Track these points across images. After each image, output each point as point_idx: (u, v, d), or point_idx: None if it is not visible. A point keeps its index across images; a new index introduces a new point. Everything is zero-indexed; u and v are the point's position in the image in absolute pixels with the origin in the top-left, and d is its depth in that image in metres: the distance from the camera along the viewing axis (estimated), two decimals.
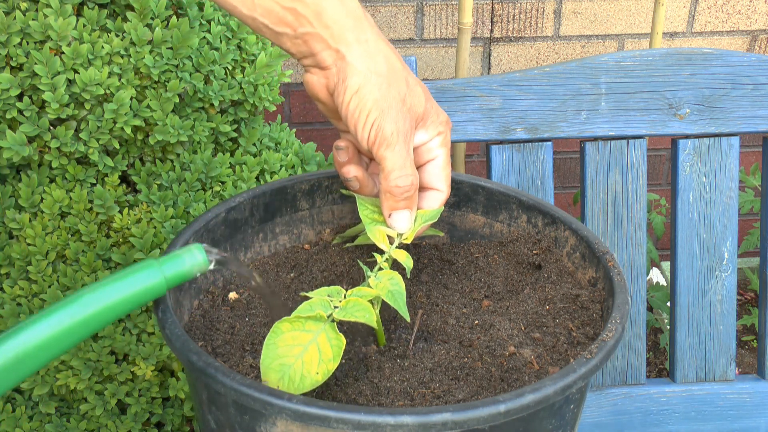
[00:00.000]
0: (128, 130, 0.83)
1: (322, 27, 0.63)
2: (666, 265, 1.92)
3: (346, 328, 0.65)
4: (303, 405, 0.51)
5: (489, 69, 1.73)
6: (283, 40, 0.64)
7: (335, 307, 0.60)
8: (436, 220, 0.69)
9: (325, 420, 0.51)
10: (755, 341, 1.87)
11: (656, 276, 1.92)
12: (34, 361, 0.54)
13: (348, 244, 0.76)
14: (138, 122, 0.83)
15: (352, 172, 0.69)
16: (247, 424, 0.56)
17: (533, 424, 0.56)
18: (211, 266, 0.59)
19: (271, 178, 0.95)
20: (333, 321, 0.59)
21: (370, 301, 0.61)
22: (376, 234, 0.66)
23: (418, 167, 0.68)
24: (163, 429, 1.00)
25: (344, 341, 0.58)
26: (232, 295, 0.71)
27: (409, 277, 0.68)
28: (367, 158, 0.72)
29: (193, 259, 0.57)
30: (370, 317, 0.60)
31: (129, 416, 0.93)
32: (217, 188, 0.91)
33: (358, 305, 0.60)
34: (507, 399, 0.52)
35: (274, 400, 0.52)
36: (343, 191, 0.73)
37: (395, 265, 0.68)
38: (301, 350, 0.58)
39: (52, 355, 0.54)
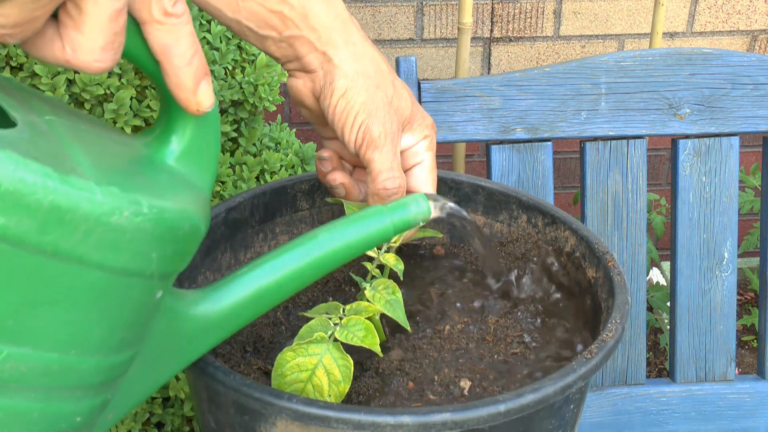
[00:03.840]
0: (128, 130, 0.83)
1: (309, 30, 0.62)
2: (666, 265, 1.92)
3: None
4: (303, 405, 0.51)
5: (489, 69, 1.73)
6: (267, 44, 0.63)
7: (335, 324, 0.59)
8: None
9: (324, 420, 0.51)
10: (755, 341, 1.87)
11: (656, 276, 1.92)
12: (270, 298, 0.53)
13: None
14: (138, 122, 0.83)
15: (338, 179, 0.68)
16: (247, 424, 0.56)
17: (533, 424, 0.56)
18: (434, 215, 0.58)
19: (271, 178, 0.95)
20: (336, 341, 0.58)
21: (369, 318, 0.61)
22: None
23: (405, 171, 0.67)
24: (163, 429, 1.00)
25: (351, 361, 0.58)
26: None
27: (402, 279, 0.67)
28: (350, 165, 0.72)
29: (418, 207, 0.57)
30: (373, 340, 0.59)
31: (129, 416, 0.93)
32: (217, 188, 0.91)
33: (359, 324, 0.59)
34: (507, 399, 0.52)
35: (274, 400, 0.52)
36: (329, 200, 0.73)
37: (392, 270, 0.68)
38: (308, 375, 0.57)
39: (288, 292, 0.54)
